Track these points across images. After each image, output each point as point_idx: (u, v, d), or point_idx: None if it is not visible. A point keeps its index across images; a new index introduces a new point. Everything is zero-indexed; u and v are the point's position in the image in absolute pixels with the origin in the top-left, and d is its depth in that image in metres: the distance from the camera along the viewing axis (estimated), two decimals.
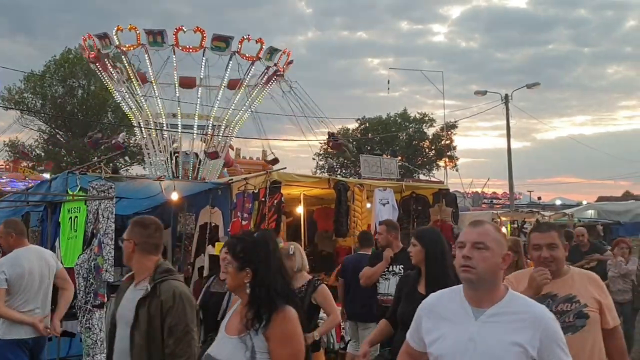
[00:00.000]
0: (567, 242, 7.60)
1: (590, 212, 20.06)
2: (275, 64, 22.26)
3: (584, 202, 29.18)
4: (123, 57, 21.59)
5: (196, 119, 22.31)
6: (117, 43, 20.96)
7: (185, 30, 20.83)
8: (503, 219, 11.39)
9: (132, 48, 21.09)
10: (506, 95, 23.45)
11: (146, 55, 21.27)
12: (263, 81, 22.86)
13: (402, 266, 5.02)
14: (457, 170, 35.83)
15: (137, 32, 20.81)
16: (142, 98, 22.21)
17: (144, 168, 27.52)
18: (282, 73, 22.73)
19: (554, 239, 2.89)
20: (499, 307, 2.05)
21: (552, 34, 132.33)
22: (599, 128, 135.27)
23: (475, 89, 35.15)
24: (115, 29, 20.94)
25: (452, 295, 2.18)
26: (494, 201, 31.24)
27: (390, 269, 5.17)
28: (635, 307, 7.39)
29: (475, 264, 2.05)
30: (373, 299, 5.23)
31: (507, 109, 23.35)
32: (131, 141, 30.44)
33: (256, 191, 7.48)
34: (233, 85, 22.35)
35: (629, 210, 19.05)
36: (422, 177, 35.47)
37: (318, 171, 37.11)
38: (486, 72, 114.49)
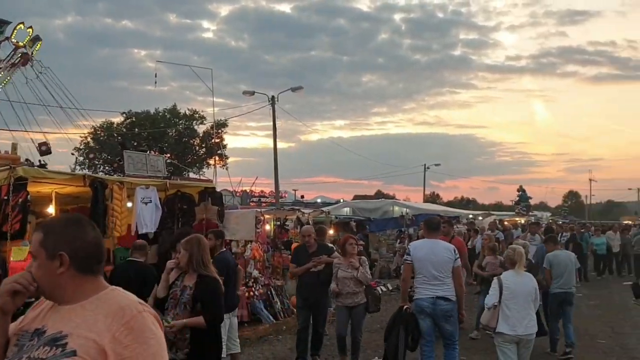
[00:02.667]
0: (319, 238, 8.10)
1: (346, 210, 21.94)
2: (13, 43, 19.21)
3: (342, 200, 31.88)
4: None
5: None
6: None
7: None
8: (267, 216, 11.85)
9: None
10: (272, 97, 24.49)
11: None
12: (8, 64, 19.91)
13: None
14: (227, 169, 36.11)
15: None
16: None
17: None
18: (29, 56, 19.79)
19: None
20: None
21: (314, 41, 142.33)
22: (355, 132, 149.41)
23: (244, 88, 35.99)
24: None
25: None
26: (262, 199, 32.31)
27: None
28: (371, 310, 7.17)
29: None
30: None
31: (274, 110, 24.41)
32: None
33: None
34: None
35: (378, 208, 21.25)
36: (192, 175, 35.01)
37: (78, 167, 34.10)
38: (255, 73, 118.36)
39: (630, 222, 28.56)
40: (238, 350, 7.05)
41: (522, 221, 28.93)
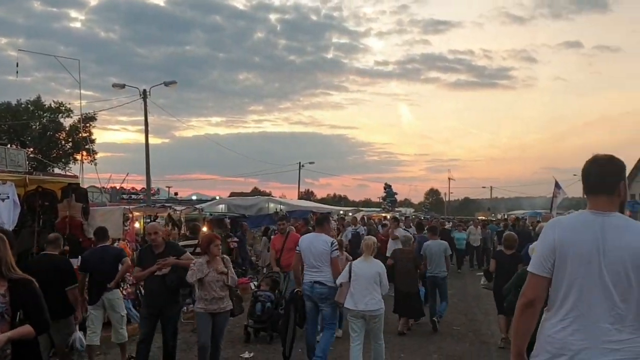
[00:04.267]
0: (192, 236, 8.05)
1: (221, 207, 21.80)
2: None
3: (217, 198, 31.61)
4: None
5: None
6: None
7: None
8: (136, 213, 11.56)
9: None
10: (144, 91, 23.73)
11: None
12: None
13: None
14: (95, 165, 34.42)
15: None
16: None
17: None
18: None
19: None
20: None
21: (190, 36, 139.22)
22: (232, 129, 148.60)
23: (115, 81, 34.53)
24: None
25: None
26: (133, 196, 31.12)
27: None
28: (236, 313, 6.89)
29: None
30: None
31: (146, 105, 23.68)
32: None
33: None
34: None
35: (254, 205, 21.30)
36: (57, 170, 32.90)
37: None
38: (126, 66, 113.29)
39: (483, 217, 31.27)
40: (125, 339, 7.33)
41: (388, 216, 30.58)
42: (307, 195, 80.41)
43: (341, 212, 27.70)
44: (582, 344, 2.55)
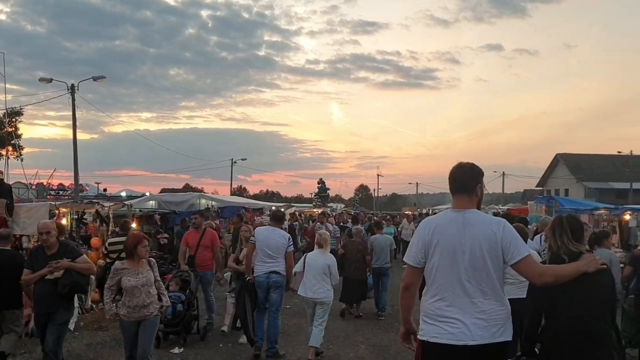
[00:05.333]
0: (122, 232, 8.11)
1: (151, 203, 21.54)
2: None
3: (148, 194, 31.07)
4: None
5: None
6: None
7: None
8: (63, 210, 11.43)
9: None
10: (72, 86, 23.18)
11: None
12: None
13: None
14: (21, 160, 33.22)
15: None
16: None
17: None
18: None
19: None
20: None
21: (119, 31, 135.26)
22: (163, 125, 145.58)
23: (41, 75, 33.21)
24: None
25: None
26: (61, 192, 30.13)
27: None
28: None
29: None
30: None
31: (73, 100, 23.14)
32: None
33: None
34: None
35: (185, 201, 21.15)
36: None
37: None
38: (54, 60, 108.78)
39: (409, 212, 32.43)
40: None
41: (319, 212, 31.14)
42: (240, 192, 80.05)
43: (273, 207, 27.93)
44: (452, 314, 3.20)
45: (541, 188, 62.33)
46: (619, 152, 51.90)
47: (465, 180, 3.38)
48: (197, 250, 8.97)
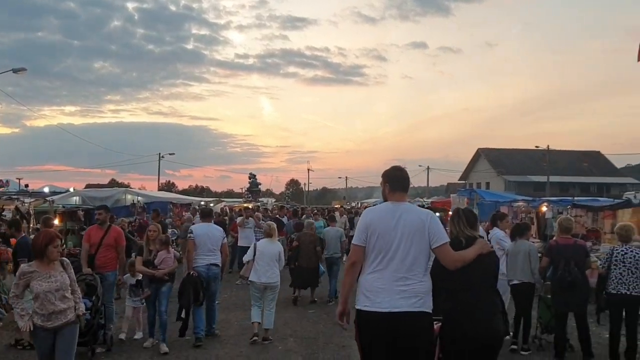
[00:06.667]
0: (43, 228, 7.91)
1: (75, 199, 20.94)
2: None
3: (72, 189, 30.04)
4: None
5: None
6: None
7: None
8: None
9: None
10: None
11: None
12: None
13: None
14: None
15: None
16: None
17: None
18: None
19: None
20: None
21: (42, 22, 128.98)
22: (88, 119, 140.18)
23: None
24: None
25: None
26: None
27: None
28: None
29: None
30: None
31: None
32: None
33: None
34: None
35: (110, 196, 20.73)
36: None
37: None
38: None
39: (338, 205, 32.98)
40: None
41: (250, 206, 31.20)
42: (168, 187, 78.53)
43: (202, 203, 27.77)
44: (382, 287, 3.84)
45: (464, 182, 65.00)
46: (537, 147, 54.98)
47: (403, 179, 4.17)
48: (99, 249, 8.05)
